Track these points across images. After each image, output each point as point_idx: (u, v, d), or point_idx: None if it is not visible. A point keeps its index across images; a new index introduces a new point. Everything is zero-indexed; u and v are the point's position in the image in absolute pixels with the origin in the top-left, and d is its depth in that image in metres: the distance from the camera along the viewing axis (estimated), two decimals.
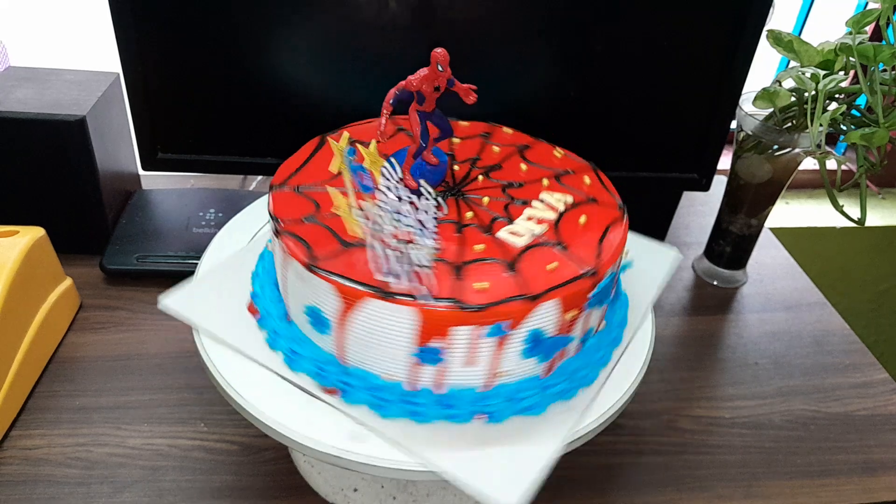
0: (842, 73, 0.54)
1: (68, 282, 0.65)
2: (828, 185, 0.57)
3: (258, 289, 0.49)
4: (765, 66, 0.68)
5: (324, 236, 0.44)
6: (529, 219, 0.47)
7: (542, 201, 0.49)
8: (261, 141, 0.69)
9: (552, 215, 0.47)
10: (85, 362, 0.63)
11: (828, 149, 0.52)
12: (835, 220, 1.22)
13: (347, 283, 0.40)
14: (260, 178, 0.90)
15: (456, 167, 0.53)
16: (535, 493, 0.39)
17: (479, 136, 0.57)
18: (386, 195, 0.41)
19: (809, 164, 1.33)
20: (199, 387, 0.60)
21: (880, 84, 0.55)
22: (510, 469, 0.40)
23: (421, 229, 0.41)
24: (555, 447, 0.41)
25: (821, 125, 0.51)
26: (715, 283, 0.78)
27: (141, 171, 0.85)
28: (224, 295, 0.50)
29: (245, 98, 0.67)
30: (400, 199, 0.41)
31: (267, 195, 0.50)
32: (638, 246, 0.56)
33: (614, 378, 0.47)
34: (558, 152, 0.55)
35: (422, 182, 0.47)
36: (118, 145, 0.75)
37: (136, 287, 0.70)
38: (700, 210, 0.89)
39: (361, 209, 0.41)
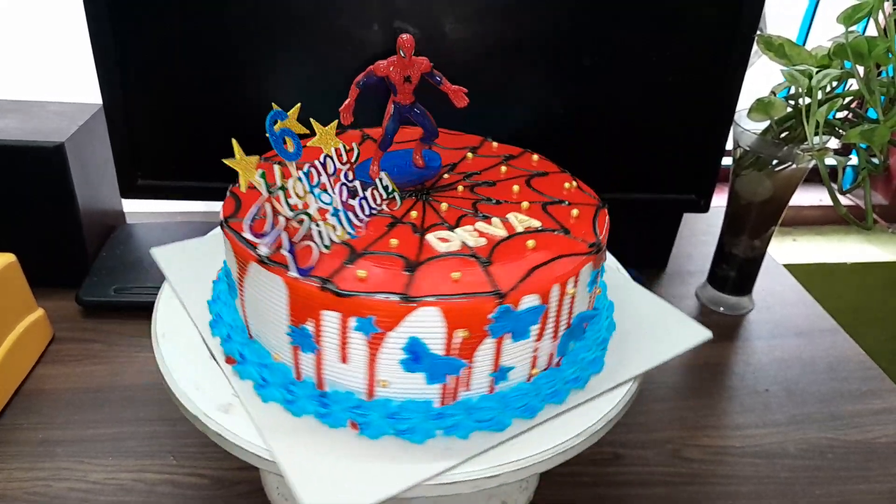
0: (838, 70, 0.52)
1: (39, 312, 0.62)
2: (827, 182, 0.54)
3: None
4: (761, 86, 0.66)
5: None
6: (475, 230, 0.43)
7: (505, 220, 0.44)
8: None
9: (502, 233, 0.43)
10: (53, 395, 0.59)
11: (826, 146, 0.50)
12: (845, 257, 1.18)
13: (240, 243, 0.40)
14: None
15: (446, 175, 0.51)
16: None
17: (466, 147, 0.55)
18: (318, 175, 0.41)
19: (814, 199, 1.30)
20: (172, 419, 0.57)
21: (879, 85, 0.53)
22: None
23: (338, 210, 0.40)
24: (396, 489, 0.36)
25: (817, 121, 0.49)
26: (721, 310, 0.75)
27: (126, 209, 0.83)
28: (205, 262, 0.51)
29: (228, 122, 0.65)
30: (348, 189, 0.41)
31: None
32: (672, 316, 0.51)
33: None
34: (569, 184, 0.51)
35: (383, 175, 0.45)
36: (101, 179, 0.74)
37: (112, 320, 0.67)
38: (702, 239, 0.86)
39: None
